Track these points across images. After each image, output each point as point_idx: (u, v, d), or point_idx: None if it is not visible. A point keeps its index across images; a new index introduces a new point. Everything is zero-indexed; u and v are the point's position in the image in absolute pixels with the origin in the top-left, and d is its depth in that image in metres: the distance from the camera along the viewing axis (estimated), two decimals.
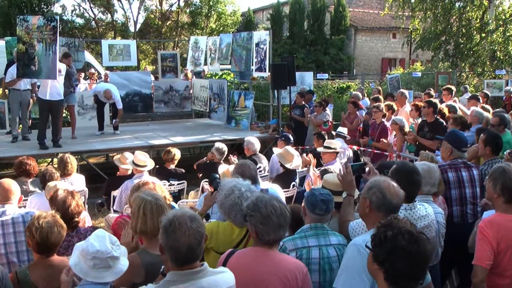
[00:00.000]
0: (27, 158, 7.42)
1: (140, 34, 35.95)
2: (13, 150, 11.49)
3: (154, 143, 12.37)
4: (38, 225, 3.79)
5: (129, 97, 16.40)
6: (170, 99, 17.28)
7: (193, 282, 3.02)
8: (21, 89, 12.21)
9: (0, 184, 4.97)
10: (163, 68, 17.45)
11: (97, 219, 8.95)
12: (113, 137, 13.28)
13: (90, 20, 36.50)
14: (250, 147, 9.23)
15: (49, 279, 3.78)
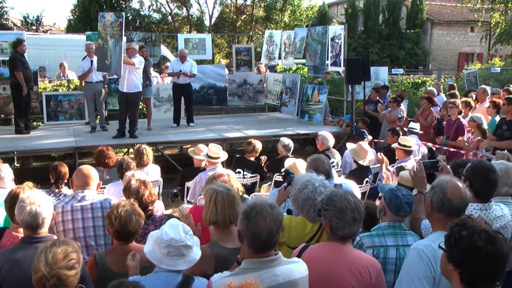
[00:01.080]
0: (107, 148, 7.68)
1: (215, 28, 36.31)
2: (92, 140, 11.93)
3: (227, 136, 12.50)
4: (117, 214, 3.92)
5: (204, 90, 16.62)
6: (244, 93, 17.39)
7: (268, 270, 3.06)
8: (93, 81, 12.67)
9: (80, 170, 5.13)
10: (238, 61, 17.59)
11: (171, 209, 9.13)
12: (187, 129, 13.51)
13: (166, 15, 37.13)
14: (324, 142, 9.18)
15: (124, 263, 3.87)
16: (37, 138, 12.40)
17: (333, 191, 3.67)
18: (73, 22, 33.70)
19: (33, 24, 34.83)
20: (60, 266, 2.92)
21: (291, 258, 3.34)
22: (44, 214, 3.75)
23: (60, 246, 3.02)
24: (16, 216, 3.78)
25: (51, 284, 2.89)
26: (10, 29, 30.94)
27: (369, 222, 4.36)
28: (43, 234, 3.79)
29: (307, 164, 5.48)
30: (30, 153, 12.38)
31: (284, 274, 3.11)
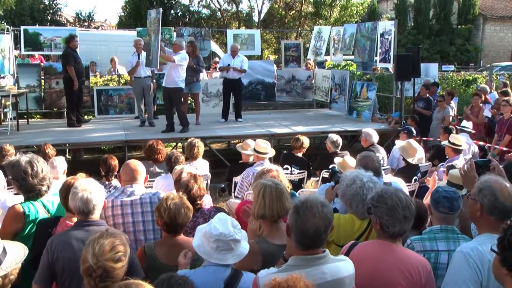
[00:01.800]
0: (157, 143, 7.78)
1: (263, 24, 36.29)
2: (141, 133, 12.11)
3: (275, 132, 12.51)
4: (166, 206, 3.95)
5: (252, 85, 16.65)
6: (292, 89, 17.34)
7: (315, 268, 3.04)
8: (142, 76, 12.87)
9: (127, 165, 5.19)
10: (286, 57, 17.57)
11: (218, 203, 9.17)
12: (235, 125, 13.57)
13: (215, 10, 37.33)
14: (368, 138, 9.10)
15: (173, 256, 3.92)
16: (88, 131, 12.67)
17: (383, 188, 3.63)
18: (124, 19, 34.25)
19: (85, 20, 35.54)
20: (106, 258, 2.97)
21: (338, 256, 3.32)
22: (95, 201, 3.87)
23: (107, 238, 3.07)
24: (69, 202, 3.90)
25: (97, 275, 2.94)
26: (64, 25, 31.70)
27: (417, 221, 4.27)
28: (93, 219, 3.89)
29: (357, 161, 5.43)
30: (81, 146, 12.64)
31: (331, 272, 3.09)
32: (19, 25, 16.94)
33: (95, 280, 2.94)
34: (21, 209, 4.35)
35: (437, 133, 11.75)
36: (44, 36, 14.98)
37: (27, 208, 4.36)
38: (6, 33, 14.67)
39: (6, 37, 14.47)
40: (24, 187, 4.45)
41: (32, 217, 4.35)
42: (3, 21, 14.53)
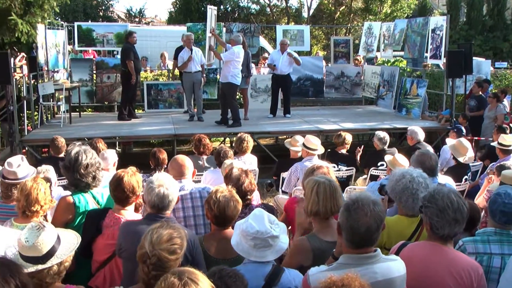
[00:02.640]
0: (204, 137, 7.86)
1: (312, 19, 36.10)
2: (190, 128, 12.22)
3: (323, 128, 12.44)
4: (216, 199, 3.98)
5: (301, 81, 16.58)
6: (341, 85, 17.20)
7: (366, 267, 3.00)
8: (192, 71, 12.96)
9: (175, 160, 5.23)
10: (335, 53, 17.45)
11: (265, 199, 9.18)
12: (284, 120, 13.54)
13: (265, 6, 37.33)
14: (414, 136, 8.96)
15: (221, 249, 3.97)
16: (138, 125, 12.88)
17: (436, 188, 3.55)
18: (174, 14, 34.61)
19: (136, 16, 36.12)
20: (162, 248, 2.99)
21: (389, 256, 3.27)
22: (170, 197, 3.91)
23: (166, 229, 3.10)
24: (144, 196, 3.98)
25: (151, 263, 2.97)
26: (115, 21, 32.26)
27: (470, 223, 4.16)
28: (167, 215, 3.95)
29: (413, 158, 5.34)
30: (131, 139, 12.88)
31: (382, 272, 3.05)
32: (72, 21, 17.32)
33: (148, 267, 2.97)
34: (71, 200, 4.45)
35: (489, 132, 11.48)
36: (96, 32, 15.27)
37: (77, 199, 4.45)
38: (60, 29, 15.01)
39: (60, 32, 14.82)
40: (73, 174, 4.54)
41: (82, 208, 4.44)
42: (57, 17, 14.87)
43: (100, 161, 4.71)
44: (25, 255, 3.03)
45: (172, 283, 2.47)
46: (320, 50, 33.79)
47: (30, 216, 4.14)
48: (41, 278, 3.04)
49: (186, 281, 2.47)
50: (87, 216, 4.34)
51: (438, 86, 16.09)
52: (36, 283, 3.00)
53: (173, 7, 35.81)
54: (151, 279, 2.97)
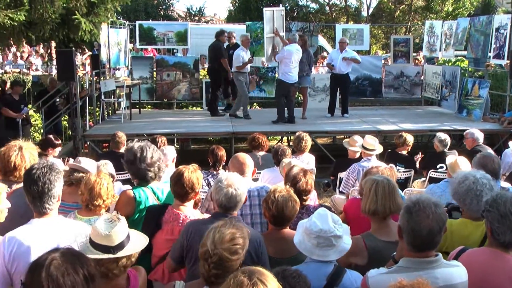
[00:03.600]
0: (259, 134, 7.90)
1: (372, 18, 35.68)
2: (247, 126, 12.28)
3: (382, 128, 12.30)
4: (274, 198, 3.97)
5: (359, 81, 16.42)
6: (400, 85, 16.92)
7: (427, 272, 2.94)
8: (247, 71, 13.07)
9: (236, 157, 5.27)
10: (395, 53, 17.19)
11: (322, 198, 9.14)
12: (342, 120, 13.46)
13: (324, 5, 37.11)
14: (472, 138, 8.75)
15: (278, 249, 3.97)
16: (197, 122, 13.05)
17: (499, 193, 3.44)
18: (233, 13, 34.82)
19: (196, 15, 36.47)
20: (224, 247, 3.00)
21: (451, 261, 3.20)
22: (238, 198, 3.91)
23: (229, 229, 3.10)
24: (213, 194, 3.99)
25: (212, 261, 2.99)
26: (175, 20, 32.66)
27: None
28: (234, 215, 3.95)
29: (475, 161, 5.20)
30: (190, 136, 13.08)
31: (443, 277, 2.99)
32: (134, 20, 17.69)
33: (209, 265, 3.00)
34: (132, 194, 4.56)
35: None
36: (157, 30, 15.54)
37: (137, 194, 4.55)
38: (122, 28, 15.34)
39: (122, 31, 15.15)
40: (131, 170, 4.66)
41: (142, 202, 4.53)
42: (119, 16, 15.22)
43: (162, 156, 4.79)
44: (98, 242, 3.12)
45: (241, 282, 2.48)
46: (379, 49, 33.35)
47: (93, 209, 4.25)
48: (110, 268, 3.13)
49: (255, 281, 2.48)
50: (147, 212, 4.43)
51: (501, 87, 15.61)
52: (103, 272, 3.09)
53: (232, 6, 36.06)
54: (211, 276, 3.01)
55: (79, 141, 11.59)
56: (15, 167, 4.46)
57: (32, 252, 3.33)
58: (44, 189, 3.45)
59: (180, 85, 15.15)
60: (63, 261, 2.52)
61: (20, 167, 4.45)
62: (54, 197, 3.51)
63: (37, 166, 3.54)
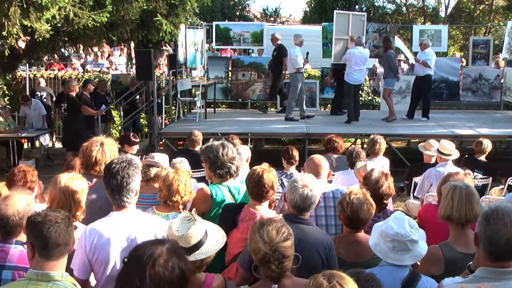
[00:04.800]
0: (336, 137, 7.88)
1: (450, 19, 34.83)
2: (322, 127, 12.27)
3: (459, 133, 11.98)
4: (349, 201, 3.96)
5: (435, 83, 16.03)
6: (478, 88, 16.42)
7: (505, 283, 2.85)
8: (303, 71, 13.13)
9: (311, 159, 5.29)
10: (474, 54, 16.69)
11: (395, 203, 9.02)
12: (417, 123, 13.19)
13: (400, 5, 36.53)
14: None
15: (352, 252, 3.96)
16: (271, 122, 13.14)
17: None
18: (309, 14, 34.76)
19: (271, 15, 36.63)
20: (277, 241, 3.08)
21: None
22: (313, 199, 3.92)
23: (269, 225, 3.17)
24: (287, 194, 4.02)
25: (275, 259, 3.05)
26: (251, 20, 32.96)
27: None
28: (306, 217, 3.97)
29: None
30: (264, 136, 13.19)
31: None
32: (210, 21, 17.96)
33: (275, 263, 3.06)
34: (208, 192, 4.64)
35: None
36: (233, 31, 15.76)
37: (214, 191, 4.63)
38: (199, 28, 15.62)
39: (199, 31, 15.43)
40: (215, 164, 4.70)
41: (218, 199, 4.61)
42: (196, 17, 15.53)
43: (238, 157, 4.87)
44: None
45: (320, 283, 2.52)
46: (457, 50, 32.50)
47: (170, 205, 4.38)
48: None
49: (334, 284, 2.51)
50: (223, 209, 4.50)
51: None
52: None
53: (307, 7, 36.01)
54: (280, 272, 3.09)
55: (155, 139, 11.89)
56: (96, 162, 4.62)
57: (112, 243, 3.47)
58: (122, 183, 3.57)
59: (254, 85, 15.30)
60: (168, 255, 2.62)
61: (101, 162, 4.61)
62: (132, 191, 3.63)
63: (116, 161, 3.68)
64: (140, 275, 2.54)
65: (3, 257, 3.28)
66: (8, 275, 3.25)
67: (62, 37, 12.15)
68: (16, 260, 3.28)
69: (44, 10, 9.05)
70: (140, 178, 3.73)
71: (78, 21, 9.88)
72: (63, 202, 3.80)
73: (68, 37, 12.37)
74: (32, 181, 5.10)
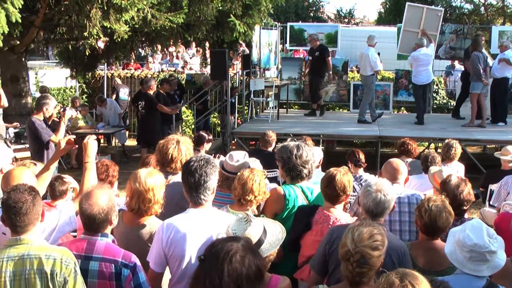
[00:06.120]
0: (410, 140, 7.75)
1: None
2: (395, 130, 12.11)
3: None
4: (427, 207, 3.88)
5: None
6: None
7: None
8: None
9: (389, 163, 5.23)
10: None
11: (469, 210, 8.78)
12: (494, 128, 12.76)
13: (479, 5, 35.49)
14: None
15: (428, 259, 3.87)
16: (343, 124, 13.09)
17: None
18: (384, 15, 34.33)
19: (346, 17, 36.40)
20: (364, 245, 3.06)
21: None
22: (387, 204, 3.88)
23: (366, 227, 3.16)
24: (360, 198, 4.01)
25: (354, 260, 3.04)
26: (325, 21, 32.87)
27: None
28: (381, 221, 3.93)
29: None
30: (335, 138, 13.10)
31: None
32: (284, 22, 18.01)
33: (352, 264, 3.05)
34: (282, 192, 4.65)
35: None
36: (307, 32, 15.72)
37: (287, 192, 4.64)
38: (274, 29, 15.69)
39: (273, 32, 15.51)
40: (287, 165, 4.72)
41: (291, 200, 4.61)
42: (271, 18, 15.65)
43: (312, 158, 4.85)
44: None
45: (392, 281, 2.52)
46: None
47: (244, 204, 4.42)
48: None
49: (406, 284, 2.50)
50: (297, 211, 4.51)
51: None
52: None
53: (382, 8, 35.56)
54: (356, 276, 3.06)
55: (227, 138, 12.05)
56: (172, 159, 4.71)
57: (188, 239, 3.55)
58: (200, 181, 3.64)
59: (328, 87, 15.23)
60: (244, 252, 2.69)
61: (176, 159, 4.70)
62: (209, 189, 3.70)
63: (195, 159, 3.76)
64: (218, 272, 2.61)
65: (90, 248, 3.41)
66: (95, 266, 3.37)
67: (140, 37, 12.52)
68: (103, 251, 3.40)
69: (124, 12, 9.37)
70: (217, 177, 3.79)
71: (155, 22, 10.17)
72: (143, 196, 3.91)
73: (145, 38, 12.77)
74: (113, 175, 5.29)
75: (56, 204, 4.87)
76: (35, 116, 8.25)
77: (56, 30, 12.37)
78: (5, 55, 11.55)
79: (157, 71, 19.21)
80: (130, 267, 3.39)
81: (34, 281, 3.07)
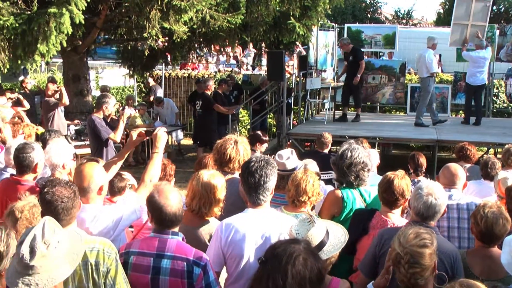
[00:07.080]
0: (469, 145, 7.59)
1: None
2: (454, 134, 11.89)
3: None
4: (483, 214, 3.82)
5: None
6: None
7: None
8: None
9: (447, 168, 5.15)
10: None
11: None
12: None
13: None
14: None
15: (484, 268, 3.81)
16: (400, 127, 12.94)
17: None
18: (443, 15, 33.67)
19: (404, 17, 35.88)
20: (411, 244, 3.05)
21: None
22: (437, 208, 3.82)
23: (411, 229, 3.16)
24: (411, 201, 3.97)
25: (405, 262, 3.03)
26: (382, 22, 32.49)
27: None
28: (432, 225, 3.87)
29: None
30: (391, 141, 12.96)
31: None
32: (341, 23, 17.91)
33: (404, 266, 3.04)
34: (340, 195, 4.67)
35: None
36: (365, 33, 15.60)
37: (345, 194, 4.65)
38: (331, 30, 15.64)
39: (331, 33, 15.47)
40: (339, 170, 4.74)
41: (349, 203, 4.62)
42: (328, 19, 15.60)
43: (367, 162, 4.82)
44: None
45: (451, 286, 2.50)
46: None
47: (298, 205, 4.43)
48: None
49: None
50: (354, 215, 4.51)
51: None
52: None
53: (441, 8, 34.90)
54: (410, 278, 3.04)
55: (283, 139, 12.07)
56: (230, 159, 4.78)
57: (247, 239, 3.59)
58: (260, 182, 3.68)
59: (384, 89, 15.07)
60: (306, 255, 2.72)
61: (234, 159, 4.77)
62: (268, 190, 3.74)
63: (255, 159, 3.80)
64: (281, 274, 2.64)
65: (162, 247, 3.45)
66: (167, 263, 3.43)
67: (198, 38, 12.68)
68: (175, 250, 3.46)
69: (183, 13, 9.52)
70: (276, 177, 3.83)
71: (213, 23, 10.29)
72: (204, 197, 3.98)
73: (203, 38, 12.91)
74: (170, 174, 5.37)
75: (116, 200, 5.00)
76: (95, 114, 8.46)
77: (117, 31, 12.67)
78: (68, 55, 11.88)
79: (213, 71, 19.43)
80: (201, 266, 3.42)
81: (79, 273, 3.13)
